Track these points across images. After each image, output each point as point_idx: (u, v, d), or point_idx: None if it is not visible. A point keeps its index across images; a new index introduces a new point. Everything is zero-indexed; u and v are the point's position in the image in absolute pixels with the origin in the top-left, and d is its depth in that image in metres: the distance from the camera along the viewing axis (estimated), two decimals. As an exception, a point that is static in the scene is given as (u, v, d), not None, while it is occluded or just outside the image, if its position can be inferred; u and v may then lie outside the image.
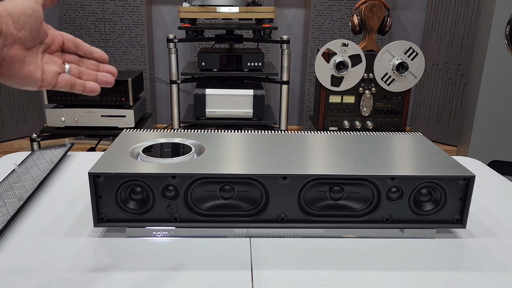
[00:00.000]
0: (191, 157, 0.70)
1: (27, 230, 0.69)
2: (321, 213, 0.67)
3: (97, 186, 0.63)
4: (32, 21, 0.46)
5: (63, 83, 0.51)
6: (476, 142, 2.25)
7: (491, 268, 0.61)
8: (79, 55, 0.54)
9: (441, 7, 2.88)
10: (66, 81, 0.51)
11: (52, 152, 0.99)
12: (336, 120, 2.11)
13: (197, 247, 0.65)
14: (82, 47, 0.54)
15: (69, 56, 0.54)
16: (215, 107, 2.19)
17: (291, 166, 0.66)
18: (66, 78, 0.51)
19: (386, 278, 0.59)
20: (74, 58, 0.54)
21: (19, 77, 0.47)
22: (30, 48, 0.48)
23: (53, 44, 0.51)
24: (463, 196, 0.66)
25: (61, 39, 0.52)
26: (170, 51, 2.14)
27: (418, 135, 0.85)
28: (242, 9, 2.12)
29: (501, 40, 2.09)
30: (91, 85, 0.53)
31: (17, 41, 0.46)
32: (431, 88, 3.03)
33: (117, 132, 2.12)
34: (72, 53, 0.54)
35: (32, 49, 0.48)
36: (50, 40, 0.51)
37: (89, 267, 0.59)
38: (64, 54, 0.53)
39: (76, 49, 0.54)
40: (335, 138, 0.81)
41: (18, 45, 0.46)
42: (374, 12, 2.01)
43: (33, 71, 0.48)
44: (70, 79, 0.52)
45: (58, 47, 0.52)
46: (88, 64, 0.55)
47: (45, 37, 0.50)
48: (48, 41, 0.51)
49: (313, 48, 2.94)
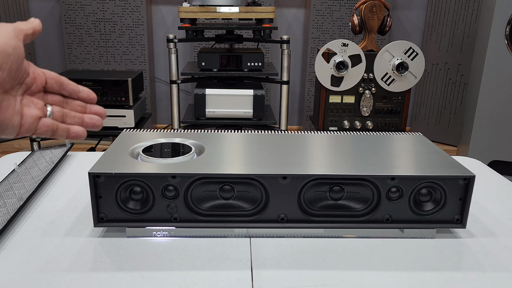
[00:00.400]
0: (191, 157, 0.70)
1: (27, 230, 0.69)
2: (321, 213, 0.67)
3: (97, 186, 0.63)
4: (12, 60, 0.40)
5: (44, 129, 0.45)
6: (476, 142, 2.25)
7: (491, 268, 0.61)
8: (63, 95, 0.48)
9: (441, 7, 2.88)
10: (48, 127, 0.45)
11: (52, 152, 0.99)
12: (336, 120, 2.11)
13: (197, 247, 0.65)
14: (67, 86, 0.48)
15: (52, 96, 0.47)
16: (215, 107, 2.19)
17: (291, 166, 0.66)
18: (48, 123, 0.45)
19: (386, 278, 0.59)
20: (58, 98, 0.48)
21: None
22: (8, 90, 0.42)
23: (34, 84, 0.45)
24: (463, 196, 0.66)
25: (44, 78, 0.46)
26: (170, 51, 2.14)
27: (418, 135, 0.85)
28: (242, 9, 2.12)
29: (501, 40, 2.09)
30: (76, 130, 0.47)
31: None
32: (431, 88, 3.03)
33: (117, 132, 2.12)
34: (56, 93, 0.48)
35: (10, 92, 0.42)
36: (31, 80, 0.45)
37: (89, 267, 0.59)
38: (47, 94, 0.47)
39: (60, 89, 0.48)
40: (335, 138, 0.81)
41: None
42: (374, 12, 2.01)
43: (10, 117, 0.41)
44: (52, 124, 0.46)
45: (40, 88, 0.46)
46: (73, 105, 0.49)
47: (25, 76, 0.44)
48: (29, 80, 0.45)
49: (313, 48, 2.94)
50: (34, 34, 0.44)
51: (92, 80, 2.11)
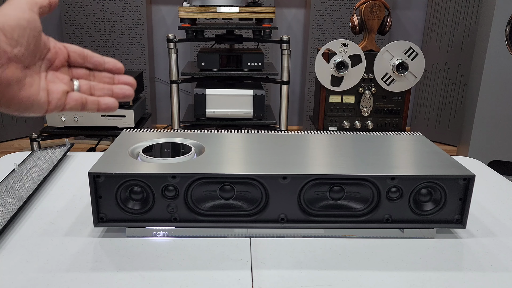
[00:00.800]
0: (191, 157, 0.70)
1: (27, 230, 0.69)
2: (321, 213, 0.67)
3: (97, 186, 0.63)
4: (29, 34, 0.39)
5: (73, 103, 0.44)
6: (476, 142, 2.25)
7: (491, 268, 0.61)
8: (89, 68, 0.47)
9: (441, 7, 2.88)
10: (76, 101, 0.44)
11: (52, 152, 0.99)
12: (336, 120, 2.11)
13: (197, 247, 0.65)
14: (91, 59, 0.47)
15: (77, 70, 0.46)
16: (215, 107, 2.19)
17: (291, 166, 0.66)
18: (76, 97, 0.44)
19: (386, 278, 0.58)
20: (84, 72, 0.47)
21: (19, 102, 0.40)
22: (29, 66, 0.41)
23: (57, 59, 0.44)
24: (463, 196, 0.66)
25: (66, 52, 0.45)
26: (170, 51, 2.14)
27: (418, 135, 0.85)
28: (242, 9, 2.12)
29: (501, 40, 2.09)
30: (107, 101, 0.46)
31: (13, 60, 0.39)
32: (431, 88, 3.03)
33: (117, 132, 2.13)
34: (81, 67, 0.47)
35: (31, 68, 0.41)
36: (53, 55, 0.44)
37: (89, 267, 0.59)
38: (71, 69, 0.46)
39: (84, 62, 0.47)
40: (335, 138, 0.81)
41: (15, 64, 0.39)
42: (374, 12, 2.01)
43: (35, 93, 0.41)
44: (81, 98, 0.44)
45: (63, 62, 0.45)
46: (100, 77, 0.48)
47: (46, 51, 0.43)
48: (51, 56, 0.44)
49: (313, 48, 2.94)
50: (50, 6, 0.42)
51: (92, 80, 2.11)
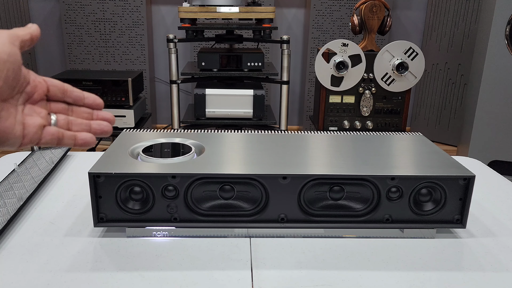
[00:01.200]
0: (191, 157, 0.70)
1: (27, 230, 0.69)
2: (321, 213, 0.67)
3: (97, 186, 0.63)
4: (8, 67, 0.38)
5: (49, 137, 0.43)
6: (476, 142, 2.25)
7: (491, 268, 0.61)
8: (68, 103, 0.47)
9: (441, 7, 2.88)
10: (53, 135, 0.43)
11: (52, 152, 0.99)
12: (336, 120, 2.11)
13: (197, 247, 0.65)
14: (71, 93, 0.46)
15: (56, 104, 0.46)
16: (215, 107, 2.19)
17: (291, 166, 0.66)
18: (52, 132, 0.43)
19: (386, 278, 0.59)
20: (62, 106, 0.46)
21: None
22: (7, 99, 0.40)
23: (36, 93, 0.43)
24: (463, 196, 0.66)
25: (45, 85, 0.45)
26: (170, 51, 2.14)
27: (418, 135, 0.85)
28: (242, 9, 2.12)
29: (501, 40, 2.09)
30: (84, 137, 0.45)
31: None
32: (431, 88, 3.03)
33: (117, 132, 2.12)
34: (60, 101, 0.46)
35: (9, 101, 0.40)
36: (32, 88, 0.43)
37: (89, 267, 0.59)
38: (50, 102, 0.45)
39: (64, 96, 0.46)
40: (335, 138, 0.81)
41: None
42: (374, 12, 2.01)
43: (10, 127, 0.40)
44: (57, 132, 0.44)
45: (42, 96, 0.44)
46: (79, 113, 0.47)
47: (25, 85, 0.42)
48: (30, 89, 0.43)
49: (313, 48, 2.94)
50: (32, 40, 0.42)
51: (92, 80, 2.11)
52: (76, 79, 2.12)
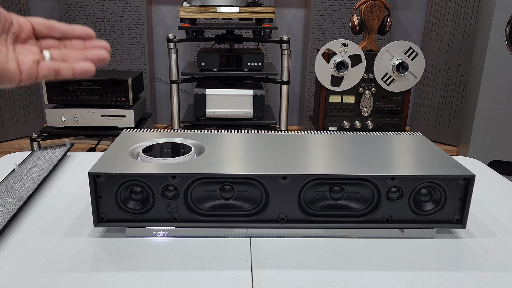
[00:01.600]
0: (191, 157, 0.70)
1: (27, 230, 0.69)
2: (321, 213, 0.67)
3: (97, 186, 0.63)
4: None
5: (46, 71, 0.44)
6: (476, 142, 2.25)
7: (491, 268, 0.61)
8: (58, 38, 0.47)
9: (441, 7, 2.88)
10: (49, 68, 0.44)
11: (52, 152, 0.99)
12: (336, 120, 2.11)
13: (197, 247, 0.65)
14: (57, 28, 0.47)
15: (46, 41, 0.47)
16: (215, 107, 2.19)
17: (291, 166, 0.66)
18: (48, 65, 0.44)
19: (386, 278, 0.59)
20: (53, 42, 0.47)
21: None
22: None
23: (22, 32, 0.45)
24: (463, 196, 0.66)
25: (30, 25, 0.46)
26: (170, 51, 2.14)
27: (418, 135, 0.85)
28: (242, 9, 2.12)
29: (501, 40, 2.09)
30: (81, 65, 0.45)
31: None
32: (431, 88, 3.03)
33: (117, 132, 2.12)
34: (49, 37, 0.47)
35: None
36: (17, 28, 0.45)
37: (89, 267, 0.59)
38: (40, 40, 0.46)
39: (50, 32, 0.47)
40: (335, 138, 0.81)
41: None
42: (374, 12, 2.01)
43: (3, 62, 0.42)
44: (53, 65, 0.44)
45: (29, 34, 0.45)
46: (72, 46, 0.47)
47: (8, 25, 0.44)
48: (15, 29, 0.44)
49: (313, 48, 2.94)
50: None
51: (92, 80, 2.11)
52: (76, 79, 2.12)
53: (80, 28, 0.48)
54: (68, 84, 2.10)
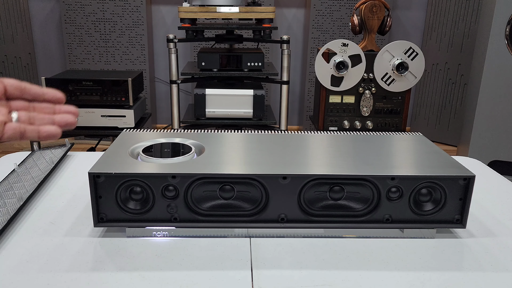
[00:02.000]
0: (191, 157, 0.70)
1: (27, 230, 0.69)
2: (321, 213, 0.67)
3: (97, 186, 0.63)
4: None
5: (11, 132, 0.45)
6: (476, 142, 2.25)
7: (491, 268, 0.61)
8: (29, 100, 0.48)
9: (441, 7, 2.88)
10: (14, 129, 0.45)
11: (52, 152, 0.99)
12: (336, 120, 2.11)
13: (197, 247, 0.65)
14: (29, 91, 0.48)
15: (16, 103, 0.48)
16: (215, 107, 2.19)
17: (291, 166, 0.66)
18: (14, 127, 0.45)
19: (386, 278, 0.59)
20: (23, 104, 0.48)
21: None
22: None
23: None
24: (463, 196, 0.66)
25: (2, 86, 0.47)
26: (170, 51, 2.14)
27: (418, 135, 0.85)
28: (242, 9, 2.12)
29: (501, 40, 2.09)
30: (47, 129, 0.47)
31: None
32: (431, 88, 3.03)
33: (117, 132, 2.12)
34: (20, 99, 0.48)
35: None
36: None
37: (89, 267, 0.59)
38: (10, 101, 0.47)
39: (22, 94, 0.48)
40: (335, 138, 0.81)
41: None
42: (374, 12, 2.01)
43: None
44: (19, 127, 0.46)
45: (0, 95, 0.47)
46: (41, 108, 0.49)
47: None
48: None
49: (313, 48, 2.94)
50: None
51: (92, 80, 2.11)
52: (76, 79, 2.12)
53: (51, 92, 0.49)
54: (68, 84, 2.10)
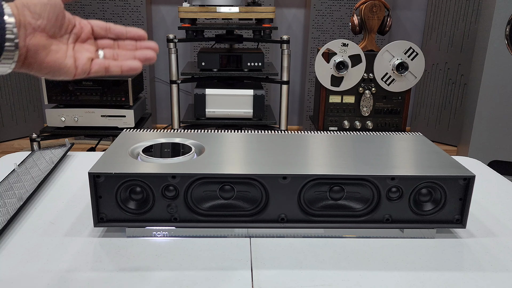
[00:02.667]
0: (191, 157, 0.70)
1: (27, 230, 0.69)
2: (321, 213, 0.67)
3: (97, 186, 0.63)
4: (49, 9, 0.47)
5: (97, 67, 0.50)
6: (476, 142, 2.25)
7: (491, 268, 0.61)
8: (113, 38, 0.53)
9: (441, 7, 2.88)
10: (100, 65, 0.51)
11: (52, 152, 0.99)
12: (336, 120, 2.11)
13: (197, 247, 0.65)
14: (113, 30, 0.53)
15: (103, 41, 0.53)
16: (215, 107, 2.19)
17: (291, 166, 0.66)
18: (100, 62, 0.51)
19: (386, 278, 0.59)
20: (109, 42, 0.53)
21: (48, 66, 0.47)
22: (55, 36, 0.48)
23: (83, 33, 0.51)
24: (463, 196, 0.66)
25: (90, 27, 0.52)
26: (170, 51, 2.14)
27: (418, 135, 0.85)
28: (242, 9, 2.12)
29: (501, 40, 2.09)
30: (129, 63, 0.51)
31: (37, 30, 0.46)
32: (431, 88, 3.03)
33: (117, 132, 2.12)
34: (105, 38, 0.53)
35: (58, 38, 0.49)
36: (79, 30, 0.51)
37: (89, 267, 0.59)
38: (97, 40, 0.53)
39: (107, 33, 0.53)
40: (335, 138, 0.81)
41: (40, 34, 0.46)
42: (374, 12, 2.01)
43: (61, 58, 0.48)
44: (104, 62, 0.51)
45: (88, 35, 0.52)
46: (124, 45, 0.54)
47: (71, 27, 0.50)
48: (77, 30, 0.51)
49: (313, 48, 2.94)
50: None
51: (92, 80, 2.12)
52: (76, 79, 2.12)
53: (133, 30, 0.54)
54: (68, 84, 2.10)
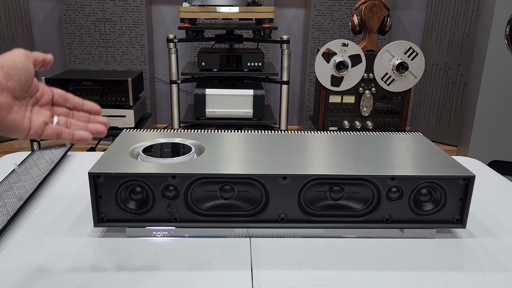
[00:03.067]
0: (191, 157, 0.70)
1: (27, 230, 0.69)
2: (321, 213, 0.67)
3: (97, 186, 0.63)
4: (21, 74, 0.50)
5: (49, 131, 0.53)
6: (476, 142, 2.25)
7: (491, 268, 0.61)
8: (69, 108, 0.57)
9: (441, 7, 2.88)
10: (53, 130, 0.53)
11: (52, 152, 0.99)
12: (336, 120, 2.11)
13: (197, 247, 0.65)
14: (71, 101, 0.57)
15: (59, 109, 0.56)
16: (215, 107, 2.19)
17: (291, 166, 0.66)
18: (53, 127, 0.53)
19: (386, 278, 0.59)
20: (64, 110, 0.56)
21: (6, 124, 0.50)
22: (19, 98, 0.51)
23: (43, 98, 0.54)
24: (463, 196, 0.66)
25: (51, 94, 0.55)
26: (170, 51, 2.14)
27: (418, 135, 0.85)
28: (242, 9, 2.12)
29: (501, 40, 2.09)
30: (80, 134, 0.54)
31: (5, 90, 0.49)
32: (431, 88, 3.03)
33: (117, 132, 2.12)
34: (62, 106, 0.56)
35: (21, 100, 0.52)
36: (40, 94, 0.54)
37: (89, 267, 0.59)
38: (54, 107, 0.56)
39: (65, 102, 0.56)
40: (335, 138, 0.81)
41: (6, 93, 0.49)
42: (374, 12, 2.01)
43: (20, 119, 0.51)
44: (57, 128, 0.54)
45: (48, 101, 0.55)
46: (78, 116, 0.57)
47: (35, 91, 0.53)
48: (39, 95, 0.54)
49: (313, 48, 2.94)
50: (44, 62, 0.54)
51: (92, 80, 2.11)
52: (76, 79, 2.12)
53: (90, 104, 0.58)
54: (68, 84, 2.10)
